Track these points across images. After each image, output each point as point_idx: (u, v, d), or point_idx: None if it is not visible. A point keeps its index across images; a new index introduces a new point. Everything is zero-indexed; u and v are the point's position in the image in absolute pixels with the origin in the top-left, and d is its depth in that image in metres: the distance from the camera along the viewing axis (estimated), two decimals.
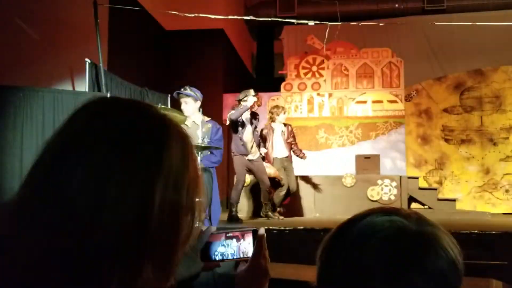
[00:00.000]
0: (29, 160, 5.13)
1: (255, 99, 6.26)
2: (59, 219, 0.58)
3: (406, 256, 0.68)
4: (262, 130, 7.02)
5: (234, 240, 1.03)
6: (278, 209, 6.93)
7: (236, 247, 1.03)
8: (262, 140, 6.89)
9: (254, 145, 6.47)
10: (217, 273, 1.13)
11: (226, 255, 1.02)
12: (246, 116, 6.33)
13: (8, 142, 5.03)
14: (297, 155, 7.16)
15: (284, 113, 7.15)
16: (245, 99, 6.18)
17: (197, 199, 0.69)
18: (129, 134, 0.63)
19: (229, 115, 6.31)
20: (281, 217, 6.70)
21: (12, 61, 5.20)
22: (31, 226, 0.58)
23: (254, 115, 6.50)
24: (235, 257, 1.02)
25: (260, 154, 6.64)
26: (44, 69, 5.76)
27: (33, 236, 0.58)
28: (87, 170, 0.60)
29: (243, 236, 1.04)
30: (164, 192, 0.62)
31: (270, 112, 7.21)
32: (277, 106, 7.27)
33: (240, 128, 6.26)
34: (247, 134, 6.32)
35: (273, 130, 7.01)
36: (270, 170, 6.73)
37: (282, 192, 6.94)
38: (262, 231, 1.02)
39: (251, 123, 6.41)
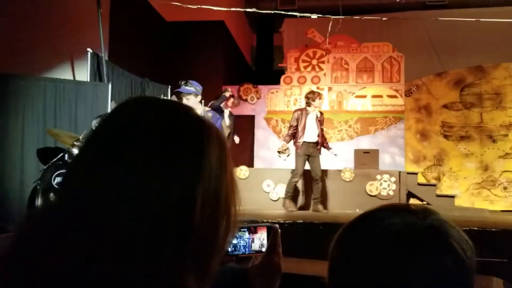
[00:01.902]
0: (30, 148, 5.12)
1: (228, 93, 7.19)
2: (102, 216, 0.57)
3: (413, 251, 0.68)
4: (294, 113, 7.00)
5: (246, 232, 1.03)
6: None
7: (248, 239, 1.03)
8: (294, 122, 6.86)
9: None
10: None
11: (238, 247, 1.03)
12: (225, 112, 7.22)
13: (9, 130, 5.00)
14: (324, 146, 7.02)
15: (320, 98, 7.00)
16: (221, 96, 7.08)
17: (233, 203, 0.68)
18: (171, 135, 0.62)
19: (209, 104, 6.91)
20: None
21: (13, 49, 5.15)
22: (74, 225, 0.57)
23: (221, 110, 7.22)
24: (246, 249, 1.03)
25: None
26: (45, 58, 5.72)
27: (76, 236, 0.57)
28: (129, 167, 0.59)
29: (255, 230, 1.04)
30: (205, 190, 0.62)
31: (305, 97, 7.12)
32: (312, 92, 7.19)
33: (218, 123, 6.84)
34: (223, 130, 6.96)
35: (307, 114, 6.88)
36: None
37: (294, 179, 6.91)
38: (277, 228, 1.02)
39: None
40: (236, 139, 7.45)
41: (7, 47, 5.01)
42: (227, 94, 7.13)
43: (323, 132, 7.09)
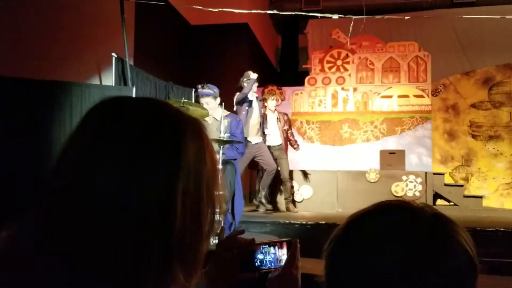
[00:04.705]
0: (57, 153, 5.23)
1: (256, 75, 6.32)
2: (85, 218, 0.59)
3: (422, 255, 0.66)
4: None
5: (272, 248, 1.07)
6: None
7: (274, 254, 1.07)
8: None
9: (259, 128, 6.52)
10: None
11: (264, 262, 1.06)
12: (254, 98, 6.45)
13: (40, 134, 5.10)
14: (292, 145, 7.08)
15: (276, 100, 7.12)
16: (246, 80, 6.28)
17: (216, 193, 0.70)
18: (148, 134, 0.64)
19: (236, 96, 6.33)
20: (269, 206, 6.71)
21: (41, 55, 5.30)
22: (60, 224, 0.60)
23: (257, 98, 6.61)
24: (272, 264, 1.06)
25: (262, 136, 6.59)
26: (72, 63, 5.86)
27: (62, 235, 0.59)
28: (109, 166, 0.61)
29: (281, 245, 1.08)
30: (185, 186, 0.63)
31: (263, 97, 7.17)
32: (269, 91, 7.28)
33: (248, 110, 6.34)
34: (255, 117, 6.45)
35: (266, 118, 6.91)
36: None
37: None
38: (296, 242, 1.06)
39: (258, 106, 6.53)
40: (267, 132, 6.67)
41: (34, 54, 5.16)
42: (254, 75, 6.24)
43: (292, 132, 7.21)
